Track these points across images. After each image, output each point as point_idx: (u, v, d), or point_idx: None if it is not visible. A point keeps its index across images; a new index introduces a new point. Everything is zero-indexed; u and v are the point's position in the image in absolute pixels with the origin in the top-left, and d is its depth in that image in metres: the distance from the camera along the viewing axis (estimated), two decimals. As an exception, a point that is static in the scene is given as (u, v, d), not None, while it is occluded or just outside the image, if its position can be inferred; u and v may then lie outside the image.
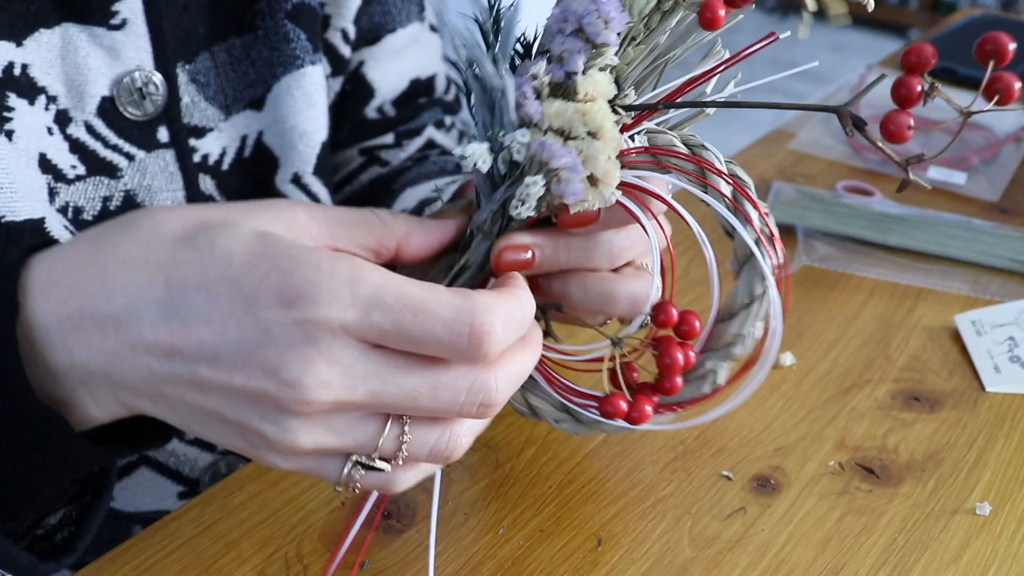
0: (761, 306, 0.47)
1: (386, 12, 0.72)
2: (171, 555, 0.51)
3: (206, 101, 0.62)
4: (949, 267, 0.76)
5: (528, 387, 0.50)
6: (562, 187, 0.40)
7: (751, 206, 0.44)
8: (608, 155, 0.41)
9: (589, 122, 0.41)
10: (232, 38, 0.62)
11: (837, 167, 0.91)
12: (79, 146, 0.57)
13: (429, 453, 0.39)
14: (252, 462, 0.57)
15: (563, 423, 0.51)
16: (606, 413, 0.45)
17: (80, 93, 0.56)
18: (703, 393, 0.49)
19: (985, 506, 0.54)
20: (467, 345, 0.36)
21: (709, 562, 0.50)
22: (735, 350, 0.47)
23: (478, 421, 0.40)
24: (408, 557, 0.50)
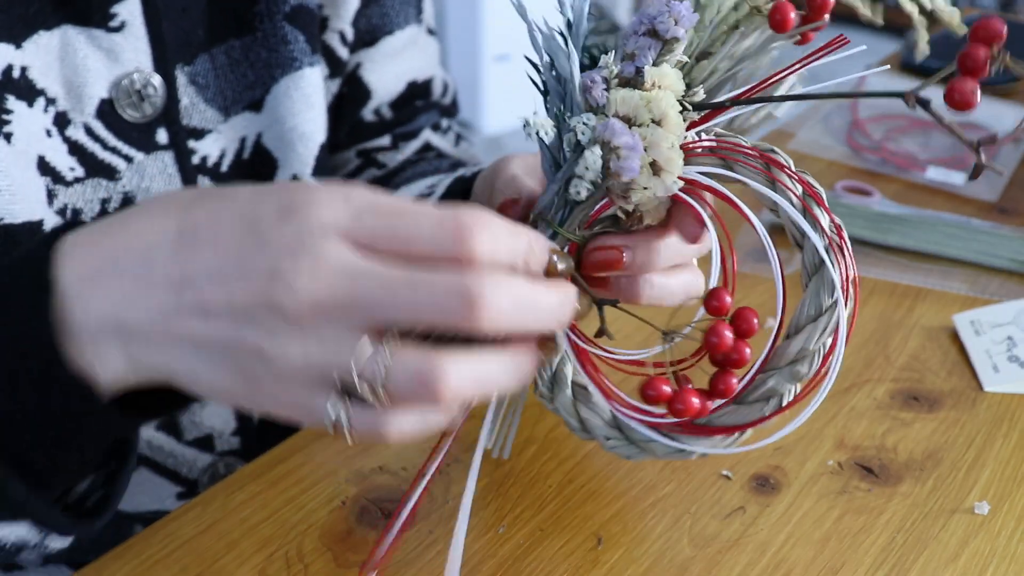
0: (830, 319, 0.44)
1: (384, 14, 0.72)
2: (172, 554, 0.51)
3: (205, 103, 0.62)
4: (948, 267, 0.76)
5: (580, 398, 0.49)
6: (620, 163, 0.41)
7: (823, 212, 0.43)
8: (671, 143, 0.42)
9: (654, 109, 0.42)
10: (231, 40, 0.62)
11: (836, 167, 0.91)
12: (78, 148, 0.57)
13: (412, 380, 0.37)
14: (252, 462, 0.57)
15: (613, 441, 0.48)
16: (647, 397, 0.43)
17: (79, 95, 0.56)
18: (764, 415, 0.45)
19: (984, 505, 0.54)
20: (452, 239, 0.37)
21: (708, 561, 0.50)
22: (800, 368, 0.44)
23: (469, 358, 0.38)
24: (408, 557, 0.50)
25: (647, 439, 0.47)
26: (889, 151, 0.93)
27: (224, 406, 0.66)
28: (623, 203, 0.44)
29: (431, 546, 0.51)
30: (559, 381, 0.49)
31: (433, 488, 0.55)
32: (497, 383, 0.39)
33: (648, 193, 0.43)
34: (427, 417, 0.39)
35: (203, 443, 0.67)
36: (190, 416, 0.65)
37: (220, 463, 0.68)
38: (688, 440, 0.46)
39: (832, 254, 0.43)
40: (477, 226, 0.37)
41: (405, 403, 0.38)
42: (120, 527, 0.66)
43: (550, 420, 0.60)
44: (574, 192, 0.43)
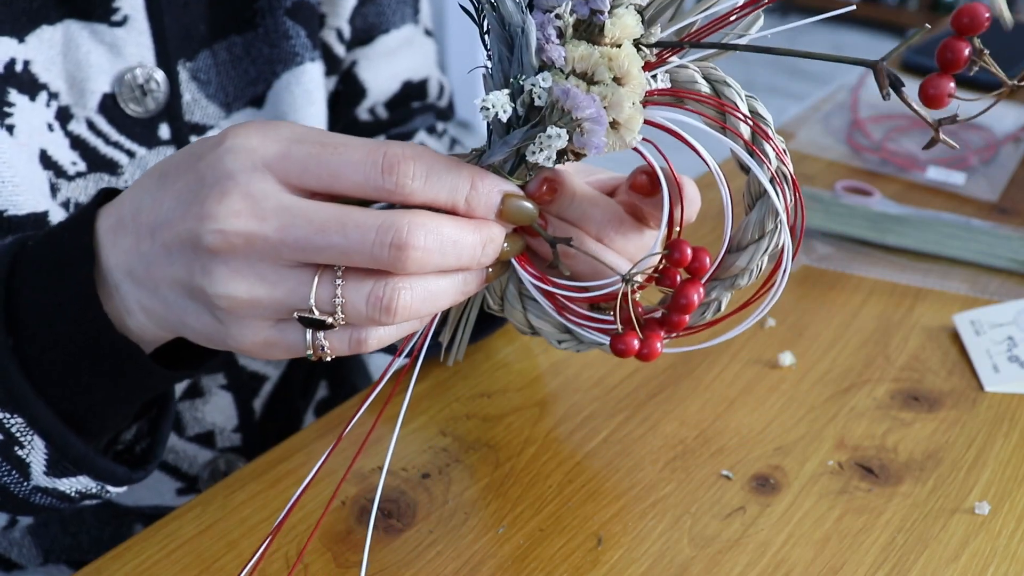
0: (771, 241, 0.45)
1: (380, 13, 0.72)
2: (172, 554, 0.51)
3: (207, 99, 0.62)
4: (948, 267, 0.76)
5: (531, 309, 0.49)
6: (585, 139, 0.39)
7: (767, 144, 0.43)
8: (633, 101, 0.40)
9: (615, 67, 0.39)
10: (233, 36, 0.62)
11: (836, 167, 0.91)
12: (80, 143, 0.57)
13: (367, 305, 0.38)
14: (252, 462, 0.57)
15: (566, 343, 0.50)
16: (619, 351, 0.44)
17: (81, 90, 0.56)
18: (705, 321, 0.48)
19: (984, 505, 0.54)
20: (381, 171, 0.37)
21: (709, 561, 0.50)
22: (740, 281, 0.47)
23: (419, 279, 0.39)
24: (408, 557, 0.50)
25: (597, 343, 0.49)
26: (889, 151, 0.93)
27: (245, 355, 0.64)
28: (575, 158, 0.42)
29: (431, 546, 0.51)
30: (508, 296, 0.50)
31: (433, 488, 0.55)
32: (447, 299, 0.41)
33: (606, 150, 0.41)
34: (403, 327, 0.41)
35: (204, 439, 0.67)
36: (192, 412, 0.66)
37: (221, 459, 0.68)
38: (632, 340, 0.46)
39: (776, 184, 0.44)
40: (408, 158, 0.38)
41: (365, 325, 0.39)
42: (120, 524, 0.66)
43: (550, 420, 0.60)
44: (532, 157, 0.40)
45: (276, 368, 0.71)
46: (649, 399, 0.61)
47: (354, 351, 0.41)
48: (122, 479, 0.48)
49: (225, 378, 0.66)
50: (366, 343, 0.40)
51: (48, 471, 0.46)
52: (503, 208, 0.40)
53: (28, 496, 0.48)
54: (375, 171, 0.37)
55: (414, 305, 0.39)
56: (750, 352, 0.66)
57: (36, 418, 0.44)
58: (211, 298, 0.38)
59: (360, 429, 0.59)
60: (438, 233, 0.38)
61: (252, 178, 0.37)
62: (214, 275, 0.38)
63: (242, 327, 0.39)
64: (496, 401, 0.61)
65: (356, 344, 0.40)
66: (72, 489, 0.48)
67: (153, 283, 0.41)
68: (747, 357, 0.65)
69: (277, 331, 0.40)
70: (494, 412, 0.61)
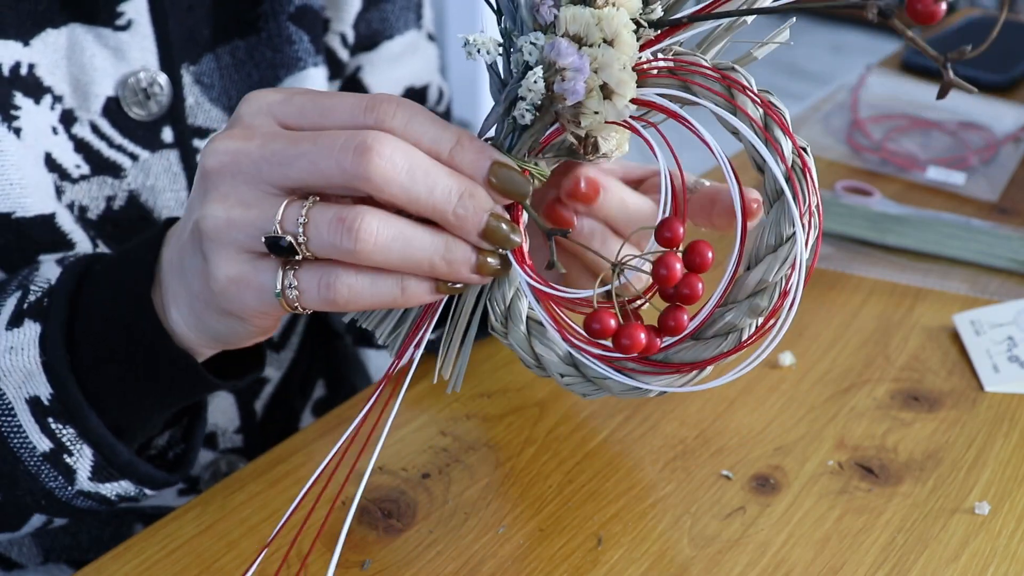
0: (791, 250, 0.41)
1: (384, 19, 0.72)
2: (172, 554, 0.51)
3: (210, 103, 0.62)
4: (948, 267, 0.76)
5: (535, 334, 0.46)
6: (564, 85, 0.39)
7: (785, 137, 0.40)
8: (623, 64, 0.39)
9: (605, 28, 0.39)
10: (236, 40, 0.62)
11: (836, 167, 0.91)
12: (84, 146, 0.57)
13: (330, 226, 0.38)
14: (251, 462, 0.57)
15: (568, 378, 0.46)
16: (591, 330, 0.42)
17: (85, 93, 0.56)
18: (722, 352, 0.43)
19: (984, 505, 0.54)
20: (366, 109, 0.39)
21: (709, 561, 0.50)
22: (760, 302, 0.42)
23: (392, 215, 0.39)
24: (408, 557, 0.50)
25: (602, 376, 0.45)
26: (889, 151, 0.93)
27: None
28: (574, 128, 0.41)
29: (431, 546, 0.51)
30: (513, 316, 0.46)
31: (433, 488, 0.55)
32: (423, 251, 0.40)
33: (599, 118, 0.40)
34: (377, 282, 0.40)
35: (206, 440, 0.67)
36: None
37: (222, 460, 0.68)
38: (644, 378, 0.44)
39: (792, 182, 0.40)
40: (393, 102, 0.39)
41: (330, 254, 0.39)
42: (120, 524, 0.66)
43: (550, 420, 0.60)
44: (519, 116, 0.41)
45: (277, 369, 0.71)
46: (649, 399, 0.61)
47: (324, 299, 0.41)
48: (160, 483, 0.51)
49: None
50: (335, 288, 0.40)
51: (93, 476, 0.49)
52: (492, 177, 0.40)
53: (71, 500, 0.50)
54: (359, 110, 0.39)
55: (380, 237, 0.38)
56: (750, 352, 0.66)
57: (88, 429, 0.47)
58: (199, 223, 0.41)
59: (361, 429, 0.59)
60: (407, 153, 0.38)
61: (255, 116, 0.41)
62: (206, 198, 0.41)
63: (219, 256, 0.41)
64: (496, 401, 0.61)
65: (325, 288, 0.40)
66: (113, 493, 0.50)
67: (179, 253, 0.44)
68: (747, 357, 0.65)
69: (250, 266, 0.41)
70: (494, 412, 0.61)
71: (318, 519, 0.53)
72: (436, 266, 0.40)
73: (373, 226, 0.38)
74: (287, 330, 0.71)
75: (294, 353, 0.72)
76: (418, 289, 0.41)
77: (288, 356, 0.72)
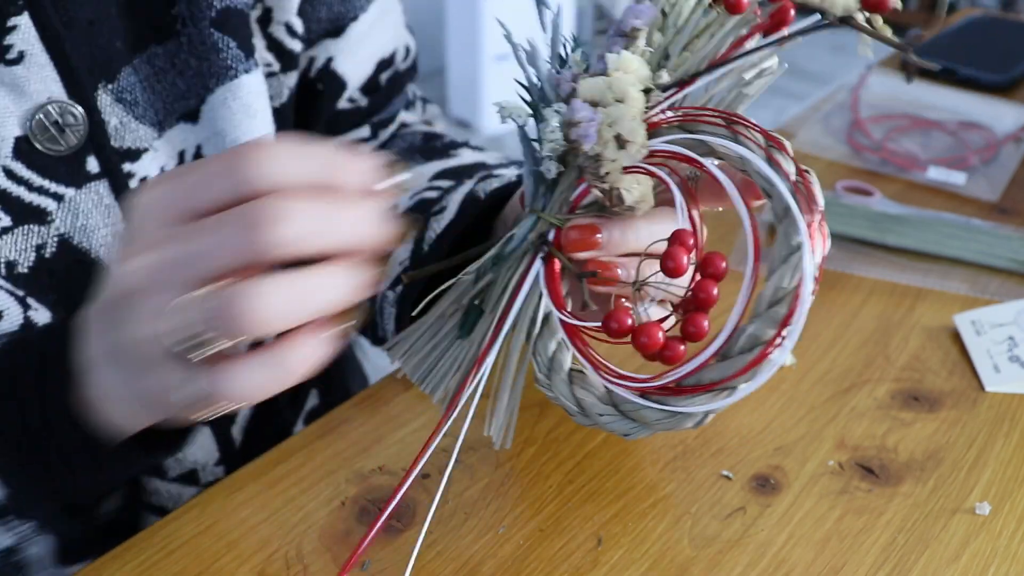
0: (801, 256, 0.43)
1: (345, 0, 0.69)
2: (172, 554, 0.51)
3: (136, 120, 0.58)
4: (948, 267, 0.76)
5: (576, 381, 0.49)
6: (579, 131, 0.45)
7: (786, 158, 0.44)
8: (633, 115, 0.45)
9: (615, 89, 0.45)
10: (153, 47, 0.58)
11: (836, 167, 0.91)
12: (1, 195, 0.53)
13: (212, 318, 0.36)
14: (251, 462, 0.57)
15: (607, 417, 0.49)
16: (609, 329, 0.44)
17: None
18: (749, 361, 0.44)
19: (985, 506, 0.54)
20: (231, 172, 0.37)
21: (709, 562, 0.50)
22: (780, 309, 0.43)
23: (280, 279, 0.36)
24: (408, 557, 0.50)
25: (639, 407, 0.47)
26: (890, 151, 0.92)
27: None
28: (597, 182, 0.46)
29: (431, 546, 0.51)
30: (556, 367, 0.49)
31: (433, 488, 0.55)
32: (325, 299, 0.37)
33: (616, 165, 0.45)
34: (271, 371, 0.38)
35: (188, 478, 0.66)
36: None
37: (206, 495, 0.66)
38: (677, 401, 0.46)
39: (798, 197, 0.43)
40: (252, 152, 0.37)
41: (222, 338, 0.37)
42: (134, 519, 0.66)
43: (550, 420, 0.60)
44: (545, 171, 0.47)
45: None
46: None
47: (215, 406, 0.39)
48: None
49: None
50: (222, 392, 0.38)
51: None
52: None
53: None
54: (228, 176, 0.37)
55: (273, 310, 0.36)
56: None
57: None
58: (143, 346, 0.39)
59: (360, 429, 0.59)
60: (300, 211, 0.36)
61: (144, 223, 0.39)
62: (127, 324, 0.40)
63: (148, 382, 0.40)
64: (496, 401, 0.61)
65: (211, 394, 0.38)
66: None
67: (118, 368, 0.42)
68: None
69: (167, 378, 0.39)
70: (494, 412, 0.60)
71: (318, 519, 0.53)
72: (338, 304, 0.38)
73: (256, 304, 0.36)
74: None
75: None
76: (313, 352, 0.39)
77: None
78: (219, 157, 0.38)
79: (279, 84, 0.66)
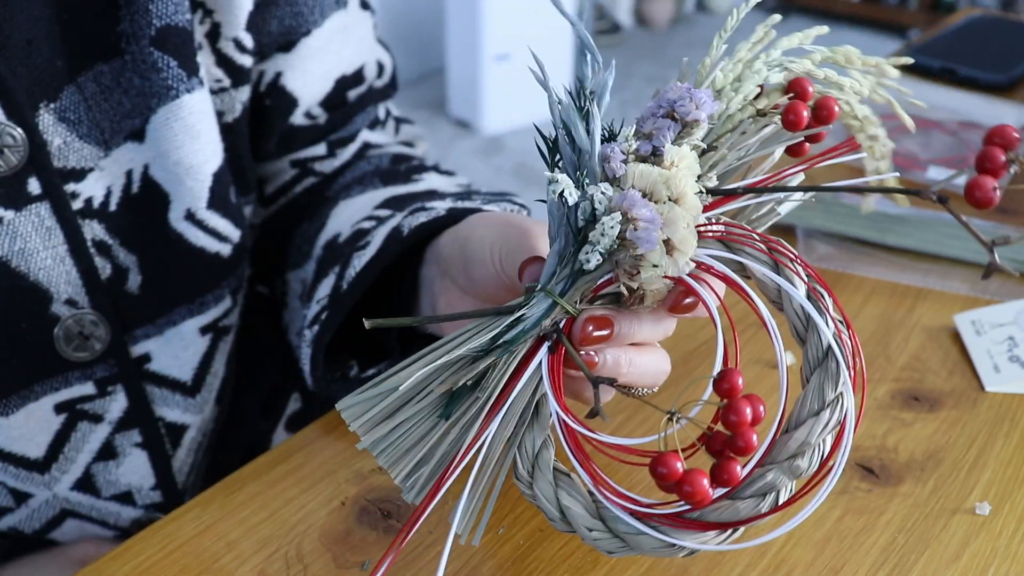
0: (833, 414, 0.41)
1: (297, 14, 0.66)
2: (171, 554, 0.51)
3: (80, 140, 0.56)
4: (948, 267, 0.76)
5: (562, 484, 0.45)
6: (638, 234, 0.41)
7: (830, 300, 0.42)
8: (687, 223, 0.42)
9: (672, 187, 0.42)
10: (99, 65, 0.56)
11: (836, 167, 0.91)
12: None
13: None
14: (251, 462, 0.57)
15: (596, 533, 0.45)
16: (659, 474, 0.40)
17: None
18: (760, 512, 0.42)
19: (985, 506, 0.54)
20: None
21: (709, 562, 0.50)
22: (800, 463, 0.42)
23: None
24: (408, 557, 0.50)
25: (635, 531, 0.44)
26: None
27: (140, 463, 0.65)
28: (628, 280, 0.43)
29: (431, 546, 0.51)
30: (541, 465, 0.45)
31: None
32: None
33: (658, 272, 0.42)
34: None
35: (123, 498, 0.65)
36: (105, 475, 0.63)
37: (144, 516, 0.66)
38: (678, 534, 0.43)
39: (840, 344, 0.41)
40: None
41: None
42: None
43: (550, 420, 0.60)
44: (584, 259, 0.43)
45: (195, 414, 0.66)
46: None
47: None
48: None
49: (140, 435, 0.63)
50: None
51: None
52: None
53: None
54: None
55: None
56: (750, 352, 0.66)
57: None
58: None
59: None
60: None
61: None
62: None
63: None
64: (496, 401, 0.61)
65: None
66: None
67: None
68: (747, 357, 0.65)
69: None
70: (494, 412, 0.60)
71: (318, 519, 0.53)
72: None
73: None
74: (200, 372, 0.66)
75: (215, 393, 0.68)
76: None
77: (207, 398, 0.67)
78: None
79: (231, 99, 0.64)
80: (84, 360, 0.59)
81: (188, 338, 0.64)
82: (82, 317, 0.58)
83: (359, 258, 0.60)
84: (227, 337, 0.67)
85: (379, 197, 0.67)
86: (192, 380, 0.65)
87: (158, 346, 0.63)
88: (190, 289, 0.63)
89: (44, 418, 0.60)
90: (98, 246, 0.58)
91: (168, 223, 0.61)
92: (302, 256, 0.69)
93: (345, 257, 0.61)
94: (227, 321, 0.67)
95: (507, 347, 0.44)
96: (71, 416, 0.61)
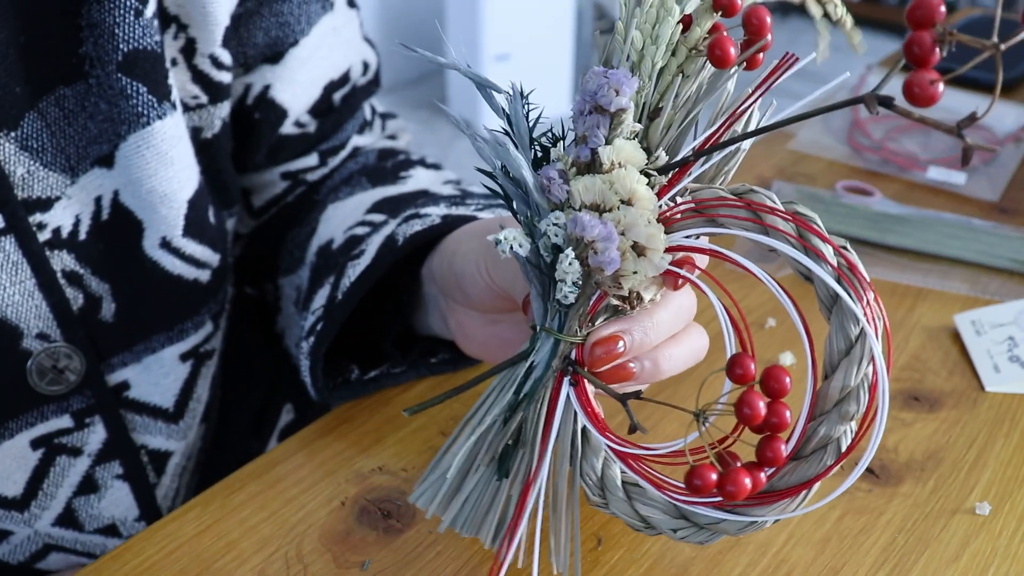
0: (863, 348, 0.40)
1: (283, 24, 0.64)
2: (171, 554, 0.51)
3: (45, 168, 0.54)
4: (949, 267, 0.76)
5: (635, 496, 0.46)
6: (599, 258, 0.40)
7: (823, 243, 0.40)
8: (647, 219, 0.40)
9: (619, 189, 0.40)
10: (61, 89, 0.53)
11: (837, 167, 0.91)
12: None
13: None
14: (251, 462, 0.57)
15: (682, 531, 0.46)
16: (693, 486, 0.40)
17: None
18: (827, 466, 0.42)
19: (985, 506, 0.54)
20: None
21: (709, 562, 0.50)
22: (849, 407, 0.41)
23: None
24: (408, 557, 0.50)
25: (716, 520, 0.44)
26: (890, 151, 0.92)
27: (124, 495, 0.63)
28: (617, 291, 0.42)
29: (431, 546, 0.51)
30: (608, 485, 0.46)
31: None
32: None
33: (639, 277, 0.41)
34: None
35: (108, 531, 0.64)
36: (87, 509, 0.62)
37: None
38: (756, 511, 0.43)
39: (844, 283, 0.40)
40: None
41: None
42: None
43: (550, 420, 0.60)
44: (562, 297, 0.42)
45: (179, 440, 0.65)
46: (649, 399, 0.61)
47: None
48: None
49: (121, 467, 0.62)
50: None
51: None
52: None
53: None
54: None
55: None
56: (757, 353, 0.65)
57: None
58: None
59: (360, 429, 0.59)
60: None
61: None
62: None
63: None
64: (496, 401, 0.61)
65: None
66: None
67: None
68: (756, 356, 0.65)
69: None
70: (494, 412, 0.60)
71: (318, 519, 0.53)
72: None
73: None
74: (182, 398, 0.64)
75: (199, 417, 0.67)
76: None
77: (191, 423, 0.66)
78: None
79: (209, 115, 0.62)
80: (59, 393, 0.57)
81: (168, 365, 0.62)
82: (55, 350, 0.56)
83: (353, 267, 0.59)
84: (209, 361, 0.66)
85: (369, 200, 0.66)
86: (174, 407, 0.63)
87: (136, 373, 0.61)
88: (167, 317, 0.61)
89: (20, 455, 0.58)
90: (68, 276, 0.56)
91: (143, 251, 0.59)
92: (295, 261, 0.68)
93: (340, 266, 0.61)
94: (209, 346, 0.65)
95: (529, 399, 0.44)
96: (48, 451, 0.59)
